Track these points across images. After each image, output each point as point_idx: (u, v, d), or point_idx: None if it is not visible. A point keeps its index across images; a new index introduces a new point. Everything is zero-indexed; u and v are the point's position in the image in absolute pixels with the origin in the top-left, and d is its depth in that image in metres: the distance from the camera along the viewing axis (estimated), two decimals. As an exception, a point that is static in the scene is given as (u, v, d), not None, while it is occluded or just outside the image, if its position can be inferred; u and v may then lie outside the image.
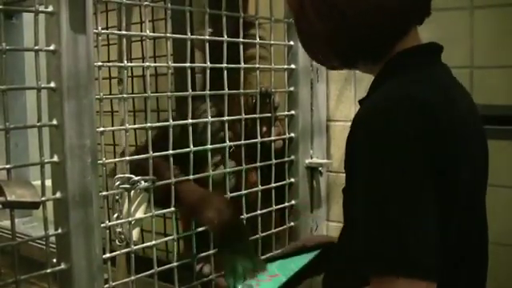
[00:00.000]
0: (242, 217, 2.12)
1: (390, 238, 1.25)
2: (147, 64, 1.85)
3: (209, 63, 1.98)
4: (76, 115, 1.57)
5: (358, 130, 1.33)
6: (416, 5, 1.45)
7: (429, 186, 1.27)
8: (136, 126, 1.97)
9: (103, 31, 1.72)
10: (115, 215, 1.83)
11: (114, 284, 1.76)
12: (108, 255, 1.74)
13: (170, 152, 1.88)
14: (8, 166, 1.49)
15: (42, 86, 1.55)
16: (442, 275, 1.27)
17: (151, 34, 1.87)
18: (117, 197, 1.83)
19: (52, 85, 1.56)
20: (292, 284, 1.71)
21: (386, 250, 1.25)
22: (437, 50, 1.50)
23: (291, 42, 2.36)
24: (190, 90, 1.94)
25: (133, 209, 1.86)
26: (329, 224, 2.56)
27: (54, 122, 1.56)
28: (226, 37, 2.03)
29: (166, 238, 2.06)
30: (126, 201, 1.83)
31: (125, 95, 1.83)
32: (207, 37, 1.98)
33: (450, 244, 1.34)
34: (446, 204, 1.31)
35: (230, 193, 2.08)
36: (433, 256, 1.26)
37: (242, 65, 2.12)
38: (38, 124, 1.55)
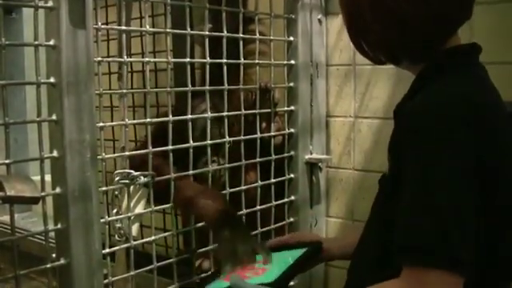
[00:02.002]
0: (242, 212, 2.12)
1: (432, 230, 1.29)
2: (147, 59, 1.85)
3: (208, 58, 1.98)
4: (76, 110, 1.57)
5: (410, 125, 1.38)
6: (463, 11, 1.51)
7: (474, 185, 1.32)
8: (135, 121, 1.97)
9: (103, 26, 1.72)
10: (115, 210, 1.83)
11: (113, 279, 1.76)
12: (107, 250, 1.75)
13: (169, 147, 1.88)
14: (7, 162, 1.49)
15: (42, 81, 1.55)
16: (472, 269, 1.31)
17: (151, 29, 1.87)
18: (116, 192, 1.83)
19: (52, 80, 1.55)
20: (283, 281, 1.70)
21: (426, 242, 1.29)
22: (478, 51, 1.55)
23: (291, 38, 2.36)
24: (190, 86, 1.94)
25: (132, 204, 1.86)
26: (328, 220, 2.56)
27: (54, 117, 1.57)
28: (225, 32, 2.03)
29: (166, 234, 2.07)
30: (126, 196, 1.83)
31: (124, 90, 1.83)
32: (207, 32, 1.98)
33: (484, 240, 1.37)
34: (486, 201, 1.35)
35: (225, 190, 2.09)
36: (470, 252, 1.30)
37: (242, 60, 2.12)
38: (38, 119, 1.55)
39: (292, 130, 2.39)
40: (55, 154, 1.58)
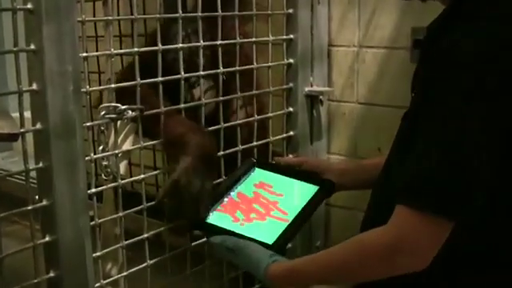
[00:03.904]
0: (237, 149, 2.11)
1: (438, 173, 1.33)
2: (133, -17, 1.81)
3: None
4: (56, 39, 1.53)
5: (445, 62, 1.38)
6: None
7: (499, 131, 1.35)
8: (122, 51, 1.94)
9: None
10: (100, 147, 1.81)
11: (100, 221, 1.75)
12: (93, 190, 1.73)
13: (159, 79, 1.85)
14: (-18, 96, 1.46)
15: (18, 7, 1.50)
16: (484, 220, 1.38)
17: (137, -50, 1.83)
18: (102, 128, 1.80)
19: (29, 6, 1.50)
20: (284, 241, 1.75)
21: (427, 185, 1.34)
22: None
23: (290, -39, 2.31)
24: (181, 12, 1.90)
25: (119, 140, 1.84)
26: (330, 157, 2.56)
27: (32, 46, 1.52)
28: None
29: (156, 172, 2.05)
30: (112, 132, 1.81)
31: (110, 18, 1.79)
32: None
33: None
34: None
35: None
36: (472, 201, 1.34)
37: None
38: (15, 49, 1.50)
39: (291, 61, 2.35)
40: (35, 86, 1.54)
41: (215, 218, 1.82)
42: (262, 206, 1.84)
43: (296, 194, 1.87)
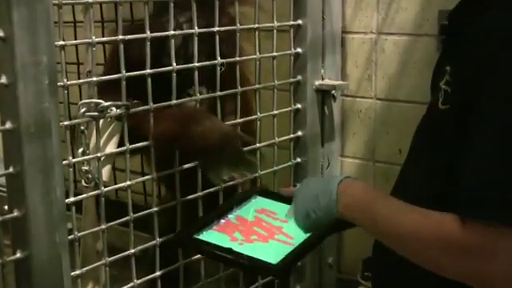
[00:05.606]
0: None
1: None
2: (117, -39, 1.81)
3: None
4: (28, 25, 1.52)
5: (493, 50, 1.35)
6: None
7: None
8: (104, 38, 1.93)
9: None
10: (80, 150, 1.81)
11: (79, 234, 1.75)
12: (72, 199, 1.72)
13: (148, 71, 1.85)
14: None
15: (-16, -13, 1.50)
16: None
17: None
18: (82, 127, 1.80)
19: (-4, -14, 1.51)
20: (290, 264, 1.73)
21: (497, 196, 1.29)
22: None
23: None
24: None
25: (102, 142, 1.84)
26: (343, 160, 2.56)
27: (1, 33, 1.51)
28: None
29: (144, 178, 2.05)
30: (94, 132, 1.80)
31: (90, 0, 1.78)
32: None
33: None
34: None
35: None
36: None
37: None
38: (-19, 36, 1.51)
39: (299, 50, 2.35)
40: (4, 80, 1.53)
41: (208, 236, 1.80)
42: (265, 230, 1.82)
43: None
